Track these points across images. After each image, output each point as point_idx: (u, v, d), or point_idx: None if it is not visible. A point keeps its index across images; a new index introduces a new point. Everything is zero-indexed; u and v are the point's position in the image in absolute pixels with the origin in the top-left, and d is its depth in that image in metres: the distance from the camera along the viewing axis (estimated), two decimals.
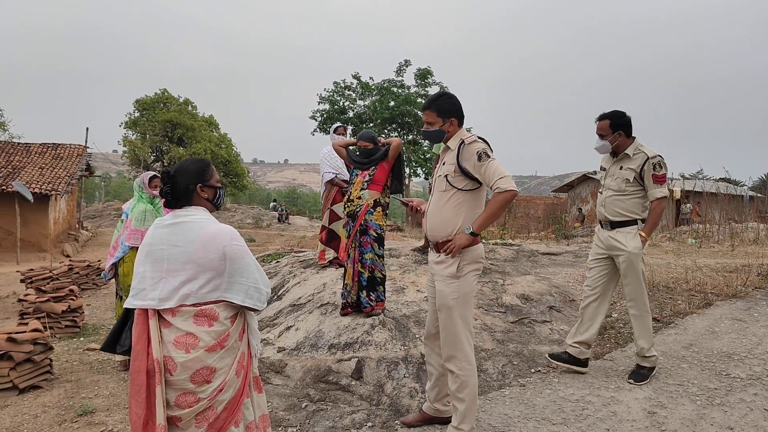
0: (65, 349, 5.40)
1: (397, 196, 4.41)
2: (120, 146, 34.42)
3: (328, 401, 3.64)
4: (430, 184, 3.29)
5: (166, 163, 32.39)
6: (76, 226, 21.61)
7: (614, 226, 3.88)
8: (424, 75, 28.35)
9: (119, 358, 4.67)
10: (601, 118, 3.91)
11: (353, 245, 4.41)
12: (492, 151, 2.88)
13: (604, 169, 4.05)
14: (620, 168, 3.89)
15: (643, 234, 3.80)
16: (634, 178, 3.81)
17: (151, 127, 33.14)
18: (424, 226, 3.09)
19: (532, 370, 4.09)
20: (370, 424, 3.33)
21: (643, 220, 3.85)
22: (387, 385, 3.74)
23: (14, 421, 3.68)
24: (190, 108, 34.95)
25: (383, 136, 25.90)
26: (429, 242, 3.11)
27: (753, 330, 4.97)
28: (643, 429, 3.17)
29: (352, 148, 4.68)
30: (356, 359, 3.91)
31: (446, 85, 29.06)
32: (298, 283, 5.79)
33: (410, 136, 28.29)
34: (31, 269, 9.24)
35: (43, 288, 7.17)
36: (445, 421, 3.18)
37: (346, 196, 4.58)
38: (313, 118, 28.70)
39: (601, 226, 4.02)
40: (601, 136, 3.91)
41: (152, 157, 33.74)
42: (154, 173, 4.87)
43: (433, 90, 28.26)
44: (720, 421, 3.23)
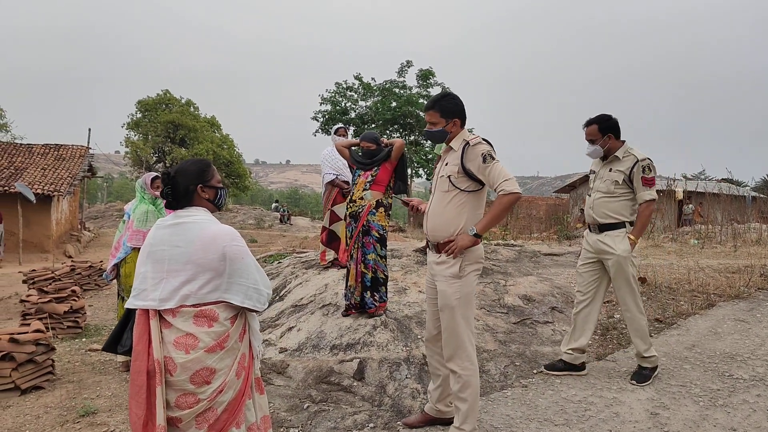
0: (67, 350, 5.41)
1: (397, 196, 4.40)
2: (122, 147, 34.56)
3: (329, 402, 3.63)
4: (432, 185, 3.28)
5: (168, 164, 32.45)
6: (79, 226, 21.66)
7: (603, 229, 3.88)
8: (425, 76, 28.33)
9: (121, 358, 4.67)
10: (589, 123, 3.93)
11: (356, 246, 4.40)
12: (495, 153, 2.88)
13: (594, 172, 4.06)
14: (609, 170, 3.89)
15: (632, 237, 3.79)
16: (624, 180, 3.80)
17: (153, 128, 33.22)
18: (425, 227, 3.09)
19: (535, 371, 4.08)
20: (371, 425, 3.32)
21: (631, 223, 3.85)
22: (389, 386, 3.73)
23: (16, 422, 3.68)
24: (192, 109, 35.01)
25: (385, 136, 25.89)
26: (428, 242, 3.10)
27: (756, 331, 4.95)
28: (645, 430, 3.16)
29: (354, 149, 4.68)
30: (358, 360, 3.90)
31: (448, 85, 29.08)
32: (300, 283, 5.78)
33: (412, 137, 28.26)
34: (34, 270, 9.25)
35: (46, 289, 7.17)
36: (447, 422, 3.17)
37: (349, 197, 4.58)
38: (315, 119, 28.66)
39: (590, 230, 4.02)
40: (592, 141, 3.93)
41: (154, 158, 33.82)
42: (156, 174, 4.86)
43: (434, 91, 28.25)
44: (723, 423, 3.22)
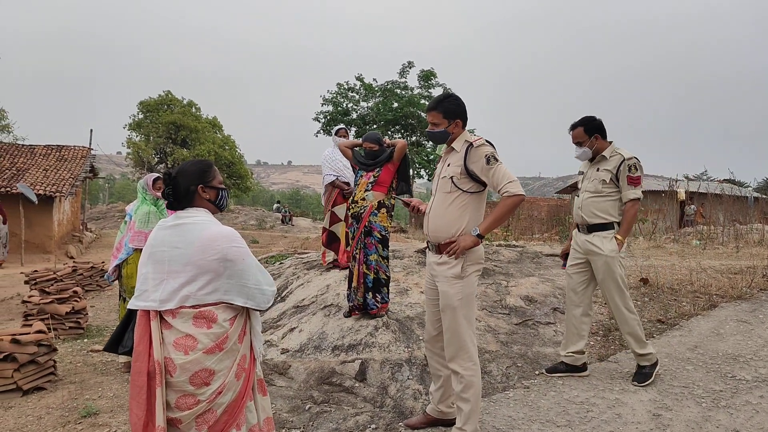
0: (69, 351, 5.41)
1: (398, 196, 4.40)
2: (124, 148, 34.59)
3: (331, 403, 3.63)
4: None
5: (169, 165, 32.47)
6: (80, 227, 21.67)
7: (591, 229, 3.89)
8: (427, 77, 28.30)
9: (123, 359, 4.67)
10: (574, 126, 3.96)
11: (358, 247, 4.40)
12: (498, 155, 2.89)
13: (582, 173, 4.08)
14: (597, 170, 3.91)
15: (619, 237, 3.80)
16: (611, 179, 3.82)
17: (155, 129, 33.24)
18: (425, 227, 3.09)
19: (537, 372, 4.08)
20: (373, 426, 3.31)
21: (619, 224, 3.85)
22: (390, 387, 3.73)
23: (18, 423, 3.68)
24: (194, 110, 35.04)
25: (387, 137, 25.84)
26: (428, 243, 3.09)
27: (758, 332, 4.94)
28: (647, 431, 3.15)
29: (357, 150, 4.68)
30: (360, 361, 3.90)
31: (449, 86, 29.05)
32: (302, 284, 5.78)
33: (413, 138, 28.24)
34: (35, 271, 9.25)
35: (47, 289, 7.17)
36: (448, 423, 3.17)
37: (351, 197, 4.58)
38: (317, 119, 28.64)
39: (579, 230, 4.02)
40: (579, 144, 3.95)
41: (156, 159, 33.83)
42: (158, 175, 4.87)
43: (436, 92, 28.22)
44: (725, 424, 3.21)
